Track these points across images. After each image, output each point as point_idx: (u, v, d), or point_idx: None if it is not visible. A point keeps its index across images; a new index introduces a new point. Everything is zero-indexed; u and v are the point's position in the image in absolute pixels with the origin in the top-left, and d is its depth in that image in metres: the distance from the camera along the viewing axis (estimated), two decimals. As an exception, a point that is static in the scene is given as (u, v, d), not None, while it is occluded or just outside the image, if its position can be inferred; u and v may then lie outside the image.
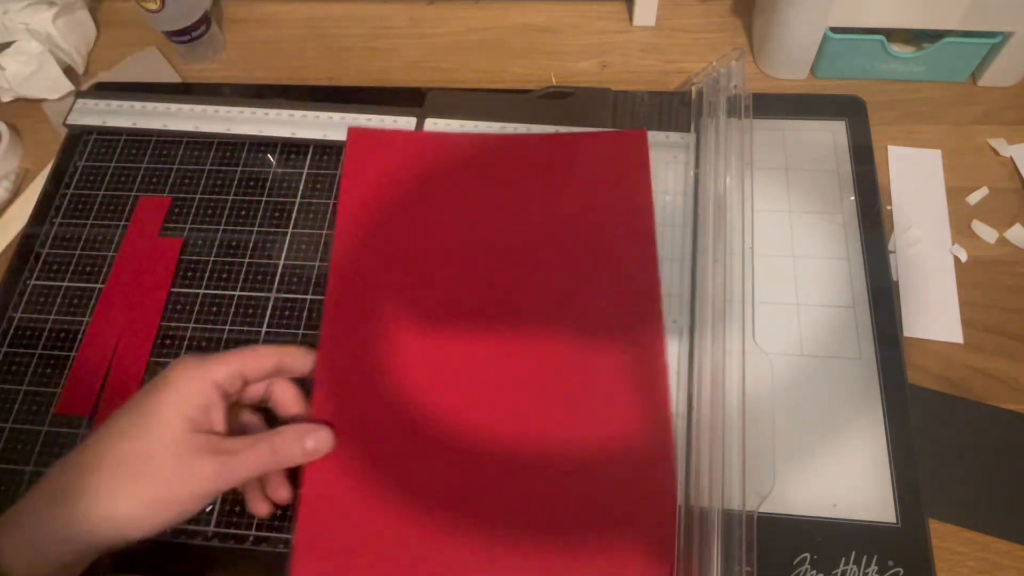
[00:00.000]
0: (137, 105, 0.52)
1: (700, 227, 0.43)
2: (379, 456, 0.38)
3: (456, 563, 0.35)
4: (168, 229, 0.48)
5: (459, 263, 0.43)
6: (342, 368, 0.40)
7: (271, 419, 0.39)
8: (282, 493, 0.37)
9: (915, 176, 0.46)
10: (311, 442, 0.37)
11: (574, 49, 0.54)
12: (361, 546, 0.36)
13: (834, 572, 0.35)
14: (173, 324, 0.45)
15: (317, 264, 0.46)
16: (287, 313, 0.44)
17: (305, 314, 0.44)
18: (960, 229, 0.44)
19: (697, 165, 0.45)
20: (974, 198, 0.45)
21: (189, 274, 0.46)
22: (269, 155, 0.50)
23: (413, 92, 0.51)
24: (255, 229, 0.47)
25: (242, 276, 0.46)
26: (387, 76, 0.54)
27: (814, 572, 0.35)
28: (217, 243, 0.47)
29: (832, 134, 0.47)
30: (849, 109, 0.48)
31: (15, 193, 0.52)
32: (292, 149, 0.50)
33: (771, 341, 0.40)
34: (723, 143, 0.45)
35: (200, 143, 0.51)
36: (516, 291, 0.41)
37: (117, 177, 0.50)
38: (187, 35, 0.53)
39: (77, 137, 0.52)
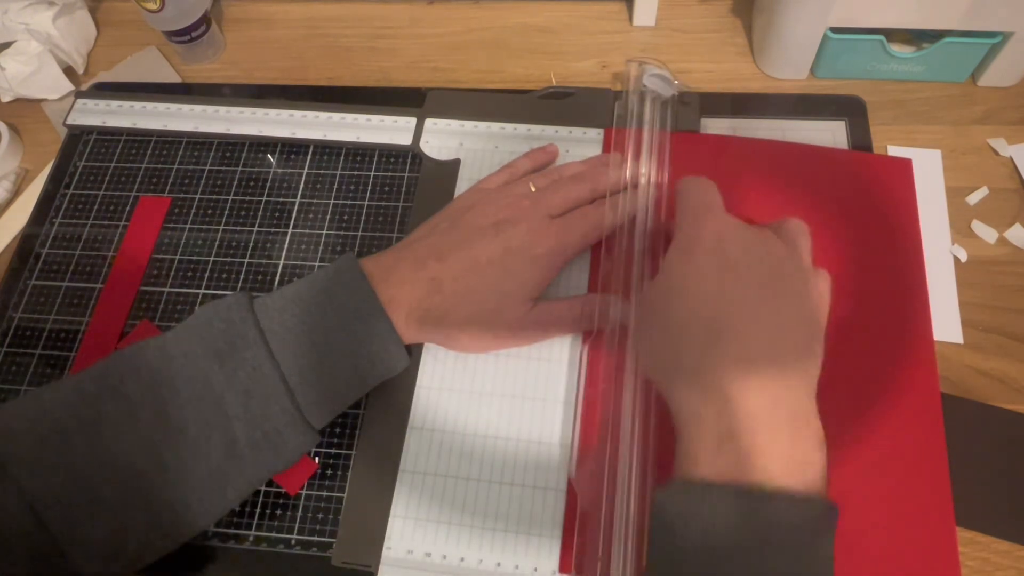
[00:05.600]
0: (137, 105, 0.52)
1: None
2: None
3: None
4: (168, 229, 0.48)
5: None
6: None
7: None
8: None
9: (915, 176, 0.46)
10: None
11: (574, 49, 0.54)
12: None
13: (834, 572, 0.35)
14: (172, 324, 0.44)
15: (317, 264, 0.46)
16: (287, 313, 0.44)
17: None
18: (960, 229, 0.44)
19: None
20: (974, 198, 0.45)
21: (189, 274, 0.46)
22: (269, 155, 0.50)
23: (413, 92, 0.51)
24: (255, 229, 0.47)
25: (242, 276, 0.46)
26: (387, 76, 0.54)
27: (814, 572, 0.35)
28: (217, 243, 0.47)
29: (832, 134, 0.47)
30: (849, 109, 0.48)
31: (15, 193, 0.52)
32: (292, 149, 0.50)
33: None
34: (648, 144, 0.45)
35: (200, 143, 0.51)
36: None
37: (117, 177, 0.50)
38: (187, 35, 0.53)
39: (77, 137, 0.52)
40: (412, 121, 0.49)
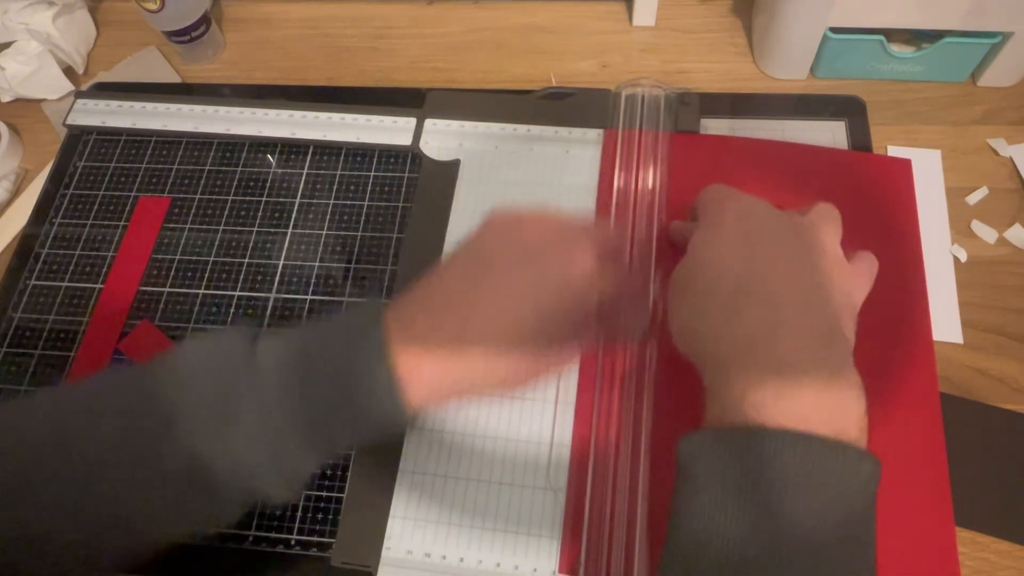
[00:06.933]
0: (137, 105, 0.52)
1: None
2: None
3: None
4: (168, 229, 0.48)
5: None
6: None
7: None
8: None
9: (915, 176, 0.46)
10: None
11: (574, 49, 0.54)
12: None
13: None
14: (172, 324, 0.45)
15: (316, 264, 0.46)
16: (287, 313, 0.44)
17: (305, 315, 0.44)
18: (960, 229, 0.44)
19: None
20: (974, 198, 0.45)
21: (189, 274, 0.46)
22: (269, 155, 0.50)
23: (413, 92, 0.51)
24: (255, 229, 0.47)
25: (242, 276, 0.46)
26: (387, 76, 0.54)
27: (814, 572, 0.35)
28: (217, 243, 0.47)
29: (832, 134, 0.47)
30: (849, 109, 0.48)
31: (15, 193, 0.52)
32: (292, 149, 0.50)
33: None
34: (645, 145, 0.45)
35: (200, 143, 0.51)
36: None
37: (117, 177, 0.50)
38: (187, 35, 0.53)
39: (77, 137, 0.52)
40: (412, 121, 0.49)
